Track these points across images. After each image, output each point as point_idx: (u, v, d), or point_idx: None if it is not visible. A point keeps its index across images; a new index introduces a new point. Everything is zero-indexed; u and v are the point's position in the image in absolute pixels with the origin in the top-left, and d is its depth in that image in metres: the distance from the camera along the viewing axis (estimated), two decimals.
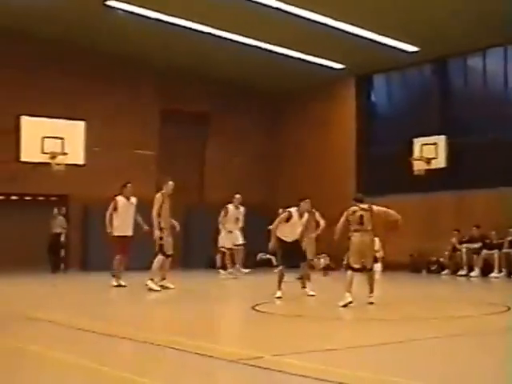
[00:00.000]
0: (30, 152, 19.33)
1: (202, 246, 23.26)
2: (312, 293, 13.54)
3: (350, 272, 11.94)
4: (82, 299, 13.96)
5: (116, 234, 16.07)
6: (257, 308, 11.09)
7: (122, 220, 16.19)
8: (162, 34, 22.32)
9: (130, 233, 16.27)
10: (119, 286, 15.90)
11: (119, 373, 5.82)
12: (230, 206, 20.29)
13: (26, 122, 19.65)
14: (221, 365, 6.25)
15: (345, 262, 14.18)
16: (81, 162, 19.99)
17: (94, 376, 5.85)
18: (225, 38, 22.44)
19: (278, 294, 13.10)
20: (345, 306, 11.26)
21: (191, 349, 6.98)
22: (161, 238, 15.26)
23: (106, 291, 15.50)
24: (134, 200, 16.57)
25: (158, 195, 15.67)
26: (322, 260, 24.63)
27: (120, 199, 16.31)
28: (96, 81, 24.51)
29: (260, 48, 23.29)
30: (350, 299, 11.37)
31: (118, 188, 16.73)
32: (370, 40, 22.01)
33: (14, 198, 23.47)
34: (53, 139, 19.42)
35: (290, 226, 13.65)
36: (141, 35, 22.69)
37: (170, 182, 15.61)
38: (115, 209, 16.23)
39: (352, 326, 9.49)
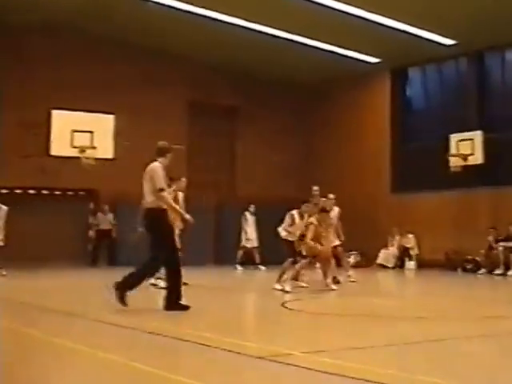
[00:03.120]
0: (59, 146, 19.52)
1: (233, 242, 23.31)
2: (278, 286, 13.80)
3: None
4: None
5: None
6: (286, 305, 11.10)
7: None
8: (191, 26, 22.38)
9: None
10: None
11: (147, 368, 5.86)
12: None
13: (56, 115, 19.83)
14: (249, 361, 6.27)
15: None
16: (110, 155, 20.11)
17: (123, 370, 5.90)
18: (256, 31, 22.44)
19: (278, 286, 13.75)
20: None
21: (220, 345, 7.02)
22: None
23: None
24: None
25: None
26: (353, 257, 24.60)
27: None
28: (125, 74, 24.64)
29: (293, 41, 23.25)
30: None
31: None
32: (406, 33, 21.90)
33: (44, 192, 23.69)
34: (82, 133, 19.58)
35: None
36: (171, 28, 22.79)
37: (183, 179, 15.53)
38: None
39: (383, 323, 9.44)
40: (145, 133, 24.04)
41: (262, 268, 22.13)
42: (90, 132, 19.64)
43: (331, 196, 17.21)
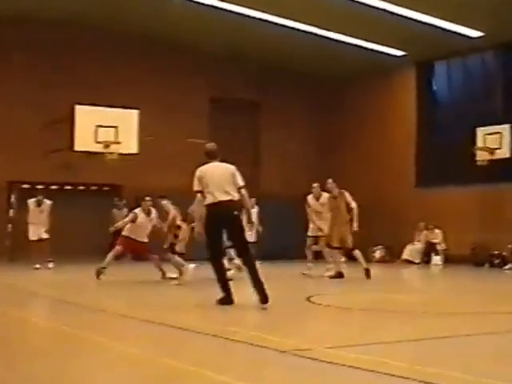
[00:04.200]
0: (83, 141, 19.58)
1: (258, 236, 23.28)
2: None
3: None
4: (138, 290, 14.12)
5: None
6: (311, 299, 11.11)
7: None
8: (214, 22, 22.44)
9: None
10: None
11: (173, 362, 5.90)
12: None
13: (80, 110, 19.90)
14: (273, 355, 6.28)
15: None
16: (134, 151, 20.17)
17: (150, 366, 5.94)
18: (279, 25, 22.41)
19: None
20: None
21: (244, 339, 7.05)
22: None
23: (160, 283, 15.65)
24: None
25: None
26: (378, 252, 24.53)
27: None
28: (149, 70, 24.77)
29: (316, 35, 23.20)
30: None
31: (170, 177, 16.98)
32: (432, 25, 21.75)
33: (67, 187, 23.84)
34: (106, 128, 19.64)
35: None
36: (193, 23, 22.84)
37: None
38: None
39: (407, 318, 9.42)
40: (168, 128, 24.14)
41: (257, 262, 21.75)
42: (114, 127, 19.70)
43: (315, 185, 17.56)
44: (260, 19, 22.00)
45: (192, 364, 5.76)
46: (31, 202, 19.11)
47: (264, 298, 9.79)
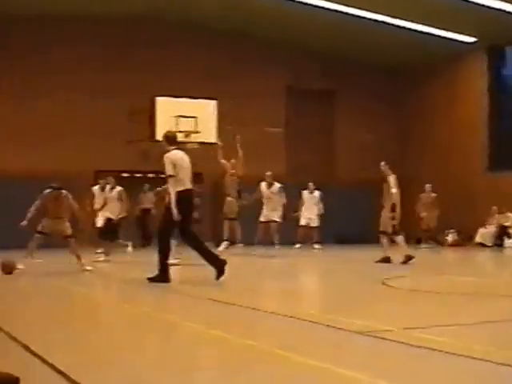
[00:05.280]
0: (164, 131, 19.85)
1: (331, 222, 23.29)
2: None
3: None
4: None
5: None
6: (386, 283, 11.08)
7: None
8: (289, 13, 22.43)
9: None
10: None
11: (251, 342, 5.98)
12: None
13: (161, 101, 20.20)
14: (351, 337, 6.32)
15: None
16: (213, 140, 20.41)
17: (230, 346, 6.04)
18: (349, 14, 22.27)
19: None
20: None
21: (322, 321, 7.09)
22: None
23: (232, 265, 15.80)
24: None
25: None
26: (451, 235, 24.22)
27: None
28: (226, 60, 24.92)
29: (386, 23, 22.99)
30: None
31: (249, 165, 17.15)
32: (503, 11, 21.27)
33: (150, 175, 24.18)
34: (186, 118, 19.90)
35: None
36: (270, 15, 22.87)
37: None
38: None
39: (481, 301, 9.31)
40: (246, 117, 24.25)
41: (317, 247, 21.91)
42: (194, 117, 19.95)
43: (268, 173, 19.05)
44: (336, 11, 21.90)
45: (272, 346, 5.83)
46: (96, 188, 19.37)
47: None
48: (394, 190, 15.22)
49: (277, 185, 19.53)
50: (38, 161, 22.74)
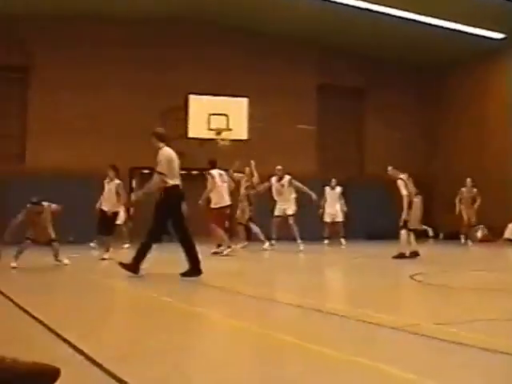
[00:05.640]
0: (196, 129, 20.08)
1: (362, 218, 23.28)
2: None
3: None
4: (243, 266, 14.35)
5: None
6: (415, 278, 11.06)
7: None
8: (319, 11, 22.41)
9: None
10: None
11: (281, 335, 6.01)
12: None
13: (194, 100, 20.39)
14: (381, 331, 6.32)
15: None
16: (244, 137, 20.53)
17: (258, 338, 6.08)
18: (380, 13, 22.22)
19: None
20: None
21: (353, 316, 7.11)
22: None
23: (263, 259, 15.86)
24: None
25: None
26: (480, 231, 24.04)
27: None
28: (258, 59, 24.96)
29: (417, 21, 22.87)
30: None
31: (281, 162, 17.20)
32: None
33: (182, 172, 24.27)
34: (218, 116, 20.05)
35: None
36: (303, 14, 22.86)
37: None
38: None
39: (510, 297, 9.26)
40: (277, 115, 24.29)
41: (343, 242, 21.69)
42: (225, 115, 20.08)
43: (279, 167, 18.81)
44: (366, 9, 21.85)
45: (302, 339, 5.86)
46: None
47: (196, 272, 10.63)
48: (404, 192, 15.31)
49: (287, 177, 19.38)
50: (74, 157, 22.98)
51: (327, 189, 22.30)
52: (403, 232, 15.25)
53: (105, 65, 23.70)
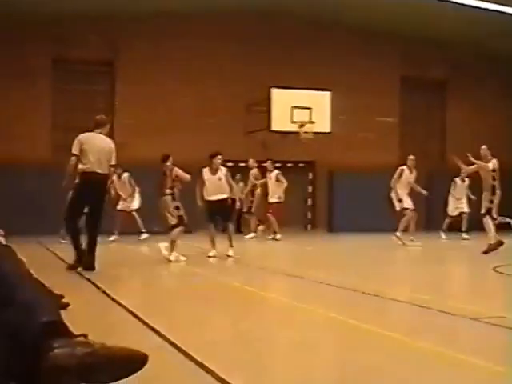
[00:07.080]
0: (280, 122, 20.11)
1: (444, 210, 22.86)
2: (230, 253, 13.17)
3: None
4: (331, 259, 14.27)
5: None
6: (498, 269, 10.78)
7: None
8: (401, 3, 22.08)
9: None
10: None
11: (365, 325, 5.95)
12: None
13: (277, 93, 20.41)
14: (463, 323, 6.20)
15: None
16: (327, 129, 20.47)
17: (343, 327, 6.03)
18: (463, 5, 21.70)
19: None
20: None
21: (434, 306, 6.98)
22: None
23: (353, 251, 15.72)
24: None
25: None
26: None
27: None
28: (340, 52, 24.71)
29: (501, 12, 22.24)
30: None
31: (362, 154, 17.00)
32: None
33: (264, 164, 24.31)
34: (301, 109, 20.04)
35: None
36: (386, 9, 22.58)
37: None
38: None
39: None
40: (359, 107, 24.04)
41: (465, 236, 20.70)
42: (309, 108, 20.06)
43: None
44: (449, 1, 21.39)
45: (385, 328, 5.79)
46: None
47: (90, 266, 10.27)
48: (490, 167, 15.40)
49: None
50: (158, 149, 23.08)
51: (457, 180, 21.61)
52: (488, 220, 14.17)
53: (193, 59, 23.55)
